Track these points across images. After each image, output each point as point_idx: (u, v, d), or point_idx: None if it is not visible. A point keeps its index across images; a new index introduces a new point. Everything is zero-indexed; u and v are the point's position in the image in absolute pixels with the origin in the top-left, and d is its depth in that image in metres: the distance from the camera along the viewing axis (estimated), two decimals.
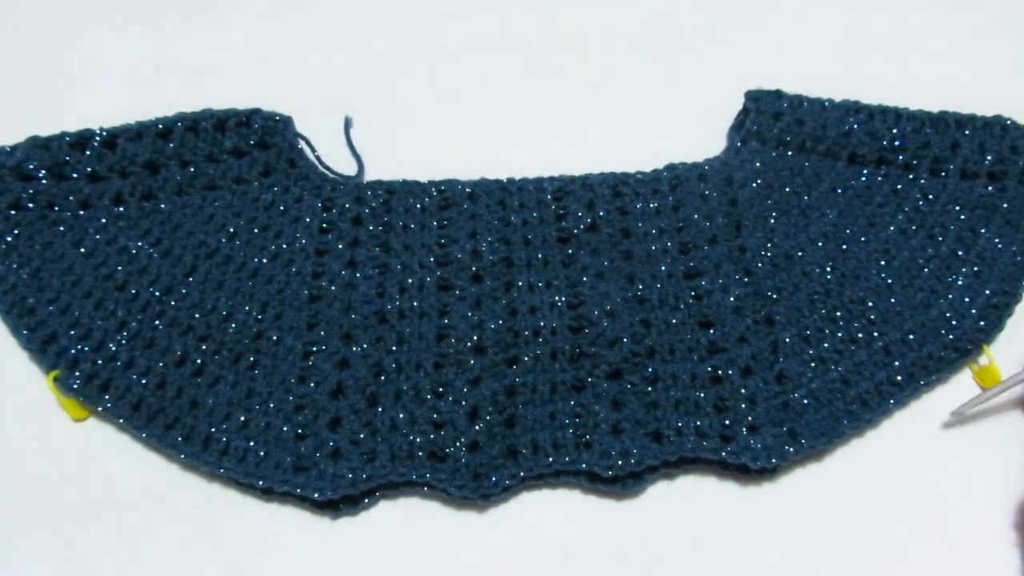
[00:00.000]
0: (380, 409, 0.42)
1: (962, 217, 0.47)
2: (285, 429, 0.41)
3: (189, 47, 0.57)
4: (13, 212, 0.46)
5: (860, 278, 0.45)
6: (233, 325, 0.44)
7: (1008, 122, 0.48)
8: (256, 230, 0.47)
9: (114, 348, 0.43)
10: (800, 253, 0.46)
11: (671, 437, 0.41)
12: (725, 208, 0.47)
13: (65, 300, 0.44)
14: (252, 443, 0.41)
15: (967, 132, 0.48)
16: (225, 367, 0.43)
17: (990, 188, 0.47)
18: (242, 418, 0.42)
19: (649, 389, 0.42)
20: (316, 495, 0.40)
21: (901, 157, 0.48)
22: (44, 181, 0.46)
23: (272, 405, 0.42)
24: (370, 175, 0.51)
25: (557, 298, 0.44)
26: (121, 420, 0.42)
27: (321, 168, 0.50)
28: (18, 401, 0.44)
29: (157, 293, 0.44)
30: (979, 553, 0.40)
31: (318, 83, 0.55)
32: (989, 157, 0.47)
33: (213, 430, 0.41)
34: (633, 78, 0.56)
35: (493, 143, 0.53)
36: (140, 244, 0.46)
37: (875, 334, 0.44)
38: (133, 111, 0.48)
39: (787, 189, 0.48)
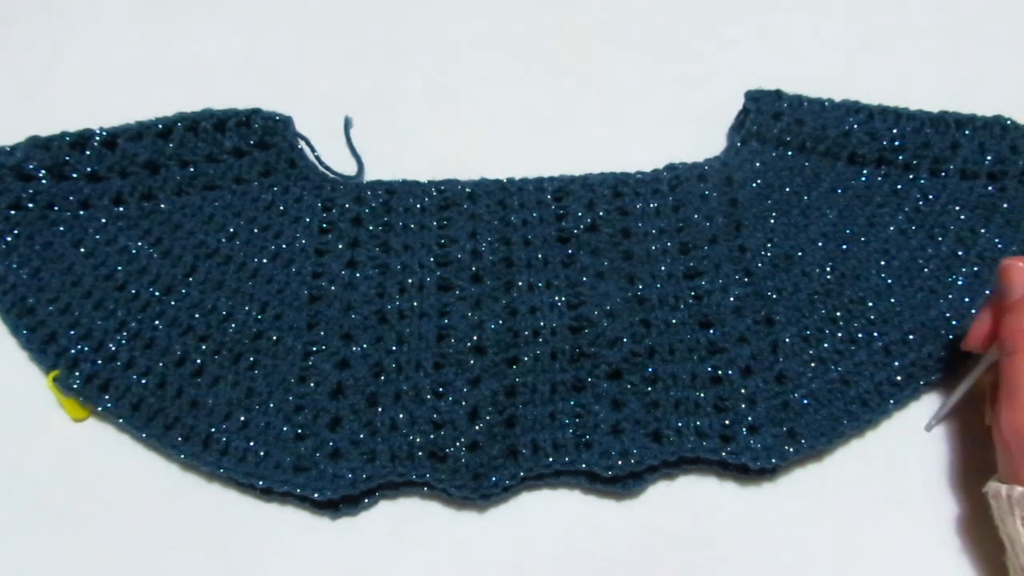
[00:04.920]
0: (380, 409, 0.42)
1: (962, 217, 0.47)
2: (285, 429, 0.41)
3: (189, 47, 0.57)
4: (13, 212, 0.46)
5: (860, 278, 0.45)
6: (233, 325, 0.44)
7: (1008, 122, 0.48)
8: (256, 230, 0.47)
9: (114, 348, 0.43)
10: (800, 253, 0.46)
11: (671, 437, 0.41)
12: (725, 208, 0.47)
13: (65, 300, 0.44)
14: (252, 443, 0.41)
15: (967, 132, 0.48)
16: (225, 367, 0.43)
17: (990, 188, 0.47)
18: (242, 418, 0.42)
19: (649, 389, 0.42)
20: (316, 495, 0.40)
21: (901, 157, 0.48)
22: (44, 181, 0.46)
23: (272, 405, 0.42)
24: (370, 175, 0.51)
25: (557, 298, 0.44)
26: (121, 420, 0.42)
27: (321, 168, 0.50)
28: (18, 401, 0.44)
29: (157, 293, 0.44)
30: (979, 552, 0.40)
31: (318, 83, 0.55)
32: (989, 157, 0.47)
33: (213, 430, 0.41)
34: (633, 78, 0.56)
35: (493, 143, 0.53)
36: (140, 244, 0.46)
37: (875, 334, 0.44)
38: (133, 111, 0.48)
39: (787, 189, 0.48)
